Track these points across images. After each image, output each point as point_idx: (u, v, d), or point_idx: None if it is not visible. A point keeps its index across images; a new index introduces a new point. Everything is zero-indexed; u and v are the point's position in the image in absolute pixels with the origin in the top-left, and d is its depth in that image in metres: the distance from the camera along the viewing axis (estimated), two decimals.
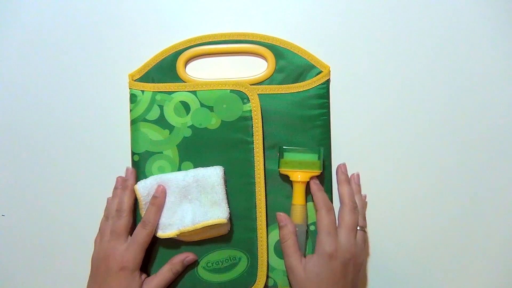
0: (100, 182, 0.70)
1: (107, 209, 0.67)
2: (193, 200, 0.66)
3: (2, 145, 0.72)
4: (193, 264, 0.67)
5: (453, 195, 0.71)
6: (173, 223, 0.65)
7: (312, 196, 0.67)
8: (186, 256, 0.66)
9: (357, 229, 0.65)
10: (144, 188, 0.66)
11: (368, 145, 0.71)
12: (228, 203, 0.66)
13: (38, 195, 0.71)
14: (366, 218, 0.68)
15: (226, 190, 0.66)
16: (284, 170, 0.67)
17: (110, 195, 0.69)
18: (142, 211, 0.66)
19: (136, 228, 0.65)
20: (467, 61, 0.71)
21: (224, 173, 0.66)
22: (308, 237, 0.68)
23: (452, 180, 0.71)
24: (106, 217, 0.67)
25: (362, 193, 0.70)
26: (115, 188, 0.68)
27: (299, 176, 0.67)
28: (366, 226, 0.67)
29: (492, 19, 0.71)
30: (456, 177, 0.71)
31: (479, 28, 0.71)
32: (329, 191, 0.69)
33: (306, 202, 0.68)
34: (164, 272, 0.65)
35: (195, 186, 0.65)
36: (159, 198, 0.65)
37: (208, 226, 0.64)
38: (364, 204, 0.69)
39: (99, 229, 0.67)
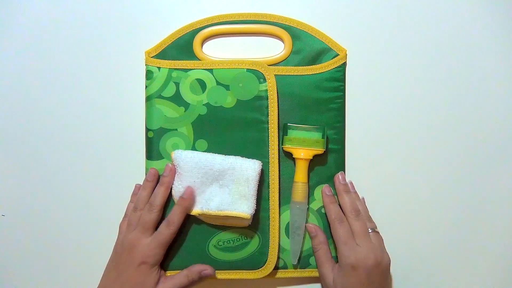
0: (114, 161, 0.71)
1: (137, 199, 0.67)
2: (224, 186, 0.66)
3: (1, 145, 0.71)
4: (204, 243, 0.67)
5: (470, 191, 0.71)
6: (198, 201, 0.66)
7: (324, 207, 0.68)
8: (204, 269, 0.66)
9: (369, 233, 0.65)
10: (178, 158, 0.66)
11: (382, 129, 0.70)
12: (257, 199, 0.66)
13: (38, 195, 0.71)
14: (379, 212, 0.69)
15: (258, 186, 0.66)
16: (287, 147, 0.67)
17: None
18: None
19: (160, 225, 0.65)
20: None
21: (261, 169, 0.66)
22: (308, 215, 0.68)
23: (470, 174, 0.71)
24: (135, 207, 0.66)
25: (373, 185, 0.70)
26: (147, 180, 0.67)
27: (302, 153, 0.67)
28: (376, 227, 0.67)
29: None
30: (473, 171, 0.71)
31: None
32: (342, 170, 0.69)
33: (308, 180, 0.68)
34: (181, 276, 0.65)
35: (230, 173, 0.65)
36: (187, 200, 0.65)
37: (231, 216, 0.65)
38: (366, 207, 0.69)
39: (126, 216, 0.67)
